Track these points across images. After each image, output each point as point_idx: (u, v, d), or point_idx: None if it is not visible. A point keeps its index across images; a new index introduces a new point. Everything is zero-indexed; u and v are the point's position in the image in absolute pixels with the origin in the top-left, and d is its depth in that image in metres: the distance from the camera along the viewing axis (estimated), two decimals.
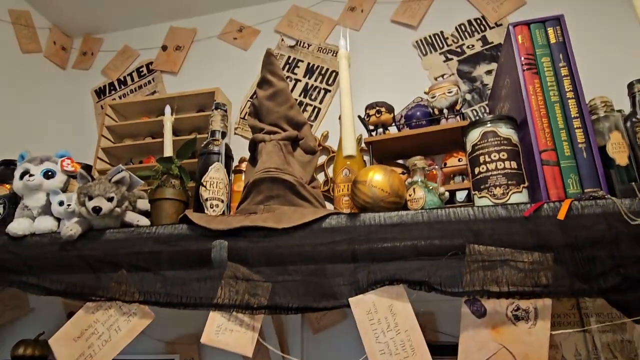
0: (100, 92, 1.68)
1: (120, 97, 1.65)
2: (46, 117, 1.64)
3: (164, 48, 1.67)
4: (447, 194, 0.85)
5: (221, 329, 0.68)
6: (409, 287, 0.65)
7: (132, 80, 1.67)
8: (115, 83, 1.68)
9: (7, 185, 1.09)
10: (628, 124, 0.84)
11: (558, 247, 0.62)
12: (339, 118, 0.95)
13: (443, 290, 0.63)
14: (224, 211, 0.95)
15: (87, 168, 1.29)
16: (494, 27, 1.37)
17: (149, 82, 1.64)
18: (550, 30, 0.84)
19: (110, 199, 0.85)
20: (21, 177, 0.93)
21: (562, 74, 0.80)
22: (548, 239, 0.62)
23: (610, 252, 0.60)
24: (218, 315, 0.70)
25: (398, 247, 0.67)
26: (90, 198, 0.84)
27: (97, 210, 0.83)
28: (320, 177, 1.30)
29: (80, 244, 0.83)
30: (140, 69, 1.68)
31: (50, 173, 0.96)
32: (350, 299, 0.66)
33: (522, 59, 0.83)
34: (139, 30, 1.74)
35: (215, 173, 0.97)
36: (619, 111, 0.95)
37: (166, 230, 0.81)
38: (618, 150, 0.77)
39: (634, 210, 0.63)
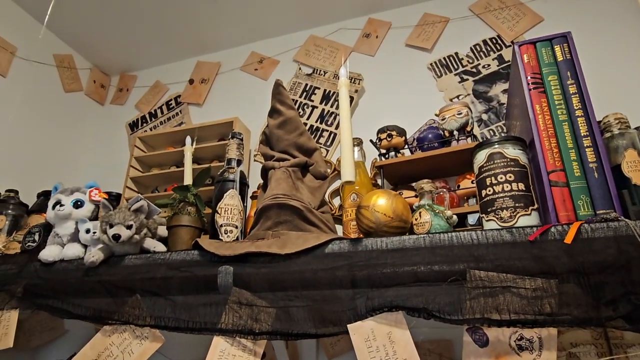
0: (133, 125, 1.80)
1: (151, 129, 1.75)
2: (86, 149, 1.77)
3: (191, 81, 1.77)
4: (454, 217, 0.83)
5: (224, 354, 0.70)
6: (407, 314, 0.63)
7: (162, 112, 1.78)
8: (147, 116, 1.80)
9: (45, 215, 1.19)
10: None
11: (563, 273, 0.58)
12: None
13: (442, 318, 0.61)
14: (237, 237, 0.98)
15: (118, 196, 1.38)
16: (510, 46, 1.35)
17: (177, 114, 1.74)
18: (557, 48, 0.82)
19: (129, 227, 0.90)
20: (53, 207, 1.01)
21: (571, 92, 0.78)
22: (553, 264, 0.60)
23: (621, 278, 0.56)
24: (222, 340, 0.71)
25: (397, 273, 0.66)
26: (111, 226, 0.89)
27: (116, 237, 0.88)
28: (336, 201, 1.31)
29: (102, 269, 0.88)
30: (170, 102, 1.78)
31: (79, 203, 1.03)
32: (349, 326, 0.66)
33: (529, 78, 0.82)
34: (169, 66, 1.87)
35: (230, 200, 1.00)
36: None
37: (179, 257, 0.85)
38: (634, 169, 0.73)
39: None
